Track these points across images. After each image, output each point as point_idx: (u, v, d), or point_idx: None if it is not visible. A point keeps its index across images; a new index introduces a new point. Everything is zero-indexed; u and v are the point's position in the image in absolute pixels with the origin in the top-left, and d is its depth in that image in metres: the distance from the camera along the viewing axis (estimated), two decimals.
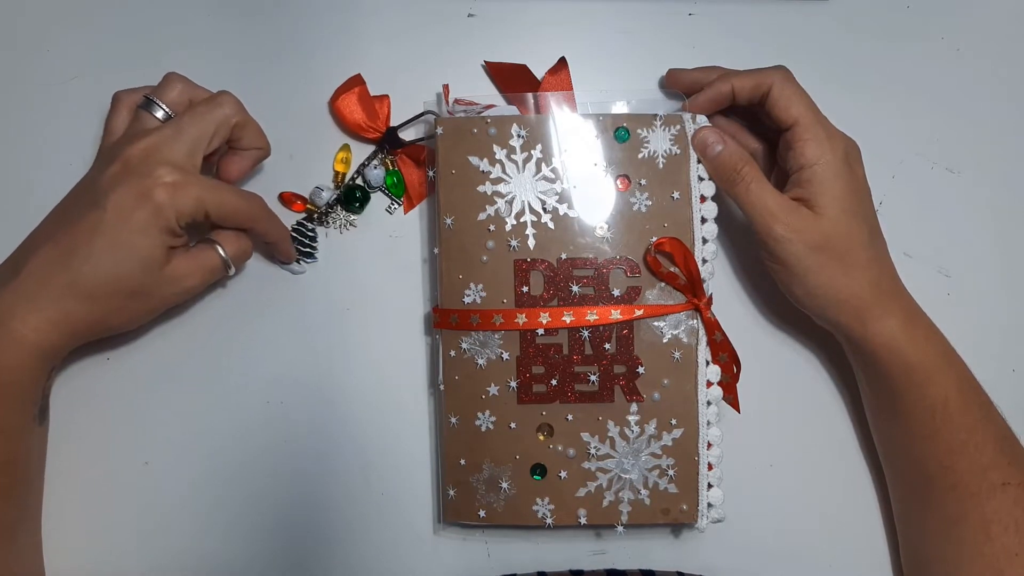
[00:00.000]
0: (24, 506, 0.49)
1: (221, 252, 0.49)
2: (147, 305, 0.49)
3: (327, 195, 0.54)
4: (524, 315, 0.50)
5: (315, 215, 0.55)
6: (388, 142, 0.54)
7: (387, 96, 0.55)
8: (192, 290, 0.50)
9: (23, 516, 0.49)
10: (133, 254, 0.46)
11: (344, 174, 0.55)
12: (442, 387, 0.51)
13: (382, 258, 0.55)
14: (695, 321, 0.50)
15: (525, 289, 0.50)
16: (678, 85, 0.53)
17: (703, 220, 0.51)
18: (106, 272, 0.46)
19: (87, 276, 0.45)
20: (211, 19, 0.56)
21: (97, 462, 0.53)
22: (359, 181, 0.55)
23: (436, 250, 0.51)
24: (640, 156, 0.50)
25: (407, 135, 0.55)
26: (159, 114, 0.49)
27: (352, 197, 0.54)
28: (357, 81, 0.54)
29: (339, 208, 0.55)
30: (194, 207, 0.46)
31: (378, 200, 0.55)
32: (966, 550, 0.47)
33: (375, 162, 0.55)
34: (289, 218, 0.55)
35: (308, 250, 0.54)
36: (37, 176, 0.54)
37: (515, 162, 0.50)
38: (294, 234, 0.54)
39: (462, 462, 0.51)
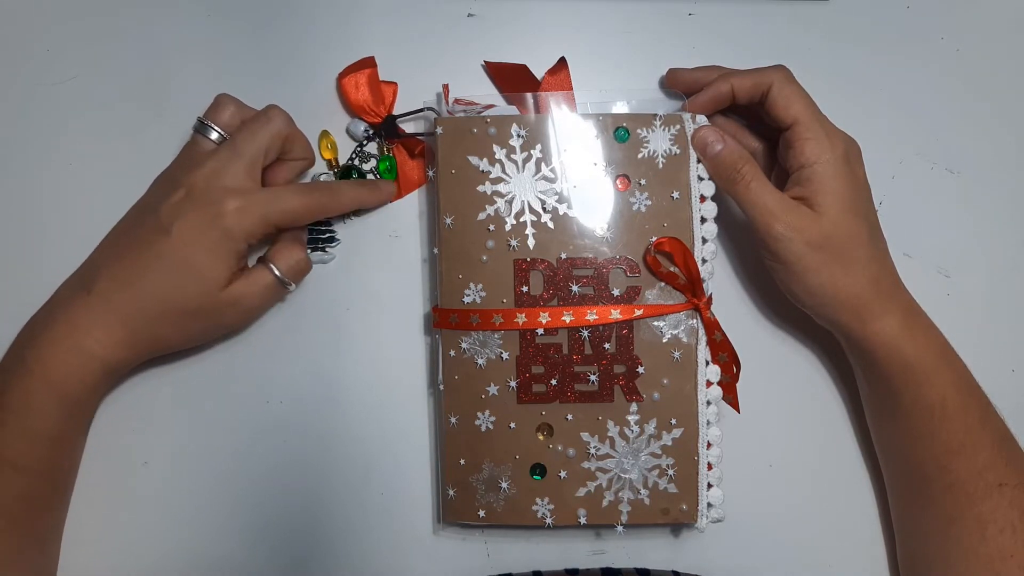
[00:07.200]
0: (58, 515, 0.51)
1: (275, 271, 0.50)
2: (204, 325, 0.50)
3: (327, 179, 0.54)
4: (524, 315, 0.50)
5: None
6: (385, 129, 0.54)
7: (395, 83, 0.55)
8: (254, 310, 0.51)
9: (55, 525, 0.50)
10: (196, 276, 0.47)
11: (335, 159, 0.55)
12: (442, 387, 0.51)
13: (382, 258, 0.55)
14: (695, 321, 0.50)
15: (525, 289, 0.50)
16: (678, 85, 0.53)
17: (703, 220, 0.51)
18: (170, 294, 0.47)
19: (153, 299, 0.47)
20: (210, 19, 0.56)
21: (97, 462, 0.53)
22: (356, 161, 0.55)
23: (436, 250, 0.51)
24: (640, 156, 0.50)
25: (405, 130, 0.55)
26: (213, 136, 0.50)
27: (347, 178, 0.54)
28: (369, 63, 0.54)
29: None
30: (262, 226, 0.48)
31: None
32: (962, 550, 0.47)
33: (374, 135, 0.55)
34: None
35: (329, 235, 0.55)
36: (37, 176, 0.54)
37: (515, 162, 0.50)
38: (309, 225, 0.54)
39: (462, 462, 0.51)
